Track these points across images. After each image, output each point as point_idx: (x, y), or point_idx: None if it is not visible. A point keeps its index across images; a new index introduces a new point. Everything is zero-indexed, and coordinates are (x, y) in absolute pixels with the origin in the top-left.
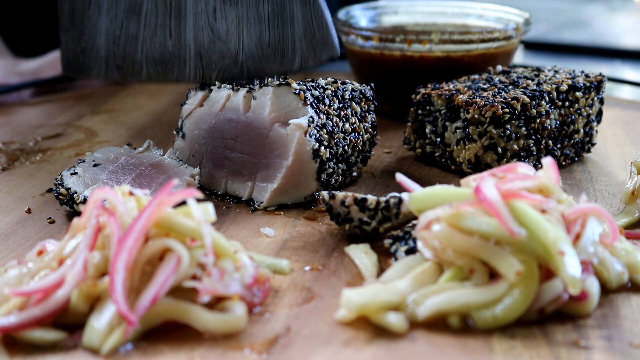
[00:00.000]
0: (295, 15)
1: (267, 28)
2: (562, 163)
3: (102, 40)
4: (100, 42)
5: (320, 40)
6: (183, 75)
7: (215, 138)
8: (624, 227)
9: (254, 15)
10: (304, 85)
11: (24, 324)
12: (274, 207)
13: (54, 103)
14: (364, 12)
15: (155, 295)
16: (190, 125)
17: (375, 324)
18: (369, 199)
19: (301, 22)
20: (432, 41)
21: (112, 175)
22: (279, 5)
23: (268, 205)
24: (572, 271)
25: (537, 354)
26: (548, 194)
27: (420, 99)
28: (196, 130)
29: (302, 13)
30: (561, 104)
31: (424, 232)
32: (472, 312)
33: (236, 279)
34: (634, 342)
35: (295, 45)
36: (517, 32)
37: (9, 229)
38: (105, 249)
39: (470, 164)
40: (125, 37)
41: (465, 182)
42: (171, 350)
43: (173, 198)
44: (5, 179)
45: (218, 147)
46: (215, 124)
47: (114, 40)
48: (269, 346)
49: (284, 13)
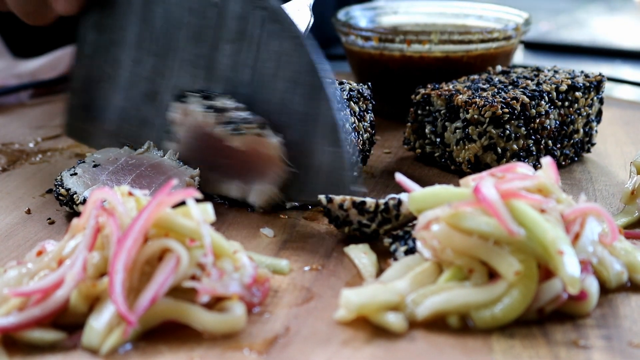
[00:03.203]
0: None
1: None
2: (561, 163)
3: (115, 117)
4: (112, 117)
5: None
6: None
7: (210, 141)
8: (624, 226)
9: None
10: None
11: (23, 324)
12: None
13: (53, 104)
14: (363, 12)
15: (155, 295)
16: (181, 130)
17: (374, 323)
18: (367, 202)
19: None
20: (431, 41)
21: (112, 176)
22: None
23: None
24: (571, 271)
25: (537, 353)
26: (547, 194)
27: (419, 99)
28: (189, 134)
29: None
30: (561, 104)
31: (423, 232)
32: (472, 311)
33: (235, 279)
34: (633, 341)
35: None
36: (517, 32)
37: (9, 229)
38: (105, 249)
39: (470, 164)
40: (139, 121)
41: (464, 182)
42: (170, 351)
43: (172, 198)
44: (5, 179)
45: (211, 150)
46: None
47: (127, 120)
48: (268, 346)
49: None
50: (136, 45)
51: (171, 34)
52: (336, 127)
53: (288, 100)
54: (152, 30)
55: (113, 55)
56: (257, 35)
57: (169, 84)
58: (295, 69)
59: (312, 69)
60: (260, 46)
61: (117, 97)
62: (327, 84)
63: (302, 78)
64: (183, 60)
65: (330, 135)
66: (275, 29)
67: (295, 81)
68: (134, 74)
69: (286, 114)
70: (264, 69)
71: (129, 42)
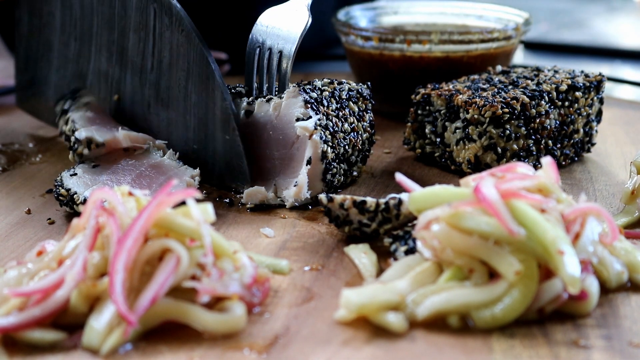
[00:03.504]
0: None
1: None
2: (562, 163)
3: (53, 94)
4: (51, 94)
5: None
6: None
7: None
8: (624, 226)
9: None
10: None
11: (23, 324)
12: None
13: None
14: (363, 12)
15: (155, 295)
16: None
17: (374, 323)
18: (368, 202)
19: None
20: (431, 41)
21: (112, 176)
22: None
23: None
24: (571, 271)
25: (537, 353)
26: (547, 194)
27: (420, 99)
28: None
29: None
30: (561, 104)
31: (423, 232)
32: (472, 311)
33: (235, 279)
34: (634, 341)
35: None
36: (517, 32)
37: (9, 229)
38: (105, 250)
39: (470, 164)
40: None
41: (464, 182)
42: (170, 351)
43: (172, 198)
44: (5, 180)
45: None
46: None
47: (62, 94)
48: (268, 346)
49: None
50: (61, 29)
51: (88, 20)
52: (229, 115)
53: (184, 88)
54: (72, 16)
55: (45, 37)
56: (152, 26)
57: (92, 67)
58: (187, 60)
59: (203, 60)
60: (156, 37)
61: (52, 76)
62: (218, 74)
63: (194, 68)
64: (101, 45)
65: (224, 123)
66: (166, 22)
67: (189, 71)
68: (62, 55)
69: (184, 100)
70: (163, 58)
71: (55, 26)
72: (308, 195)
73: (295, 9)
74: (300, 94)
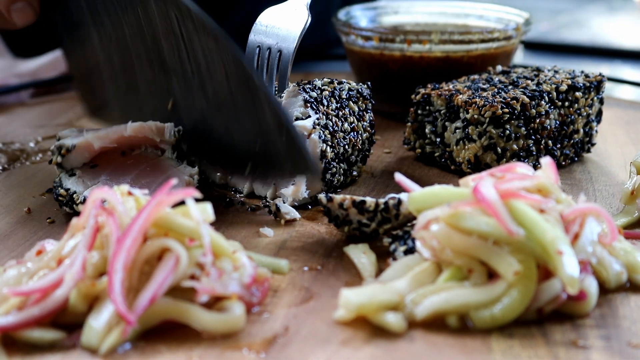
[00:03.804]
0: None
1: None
2: (561, 163)
3: (114, 105)
4: (112, 105)
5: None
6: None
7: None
8: (623, 227)
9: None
10: (302, 87)
11: (22, 323)
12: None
13: (53, 103)
14: (364, 12)
15: (154, 295)
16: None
17: (373, 323)
18: (367, 201)
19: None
20: (432, 41)
21: (111, 176)
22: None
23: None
24: (570, 271)
25: (536, 353)
26: (547, 194)
27: (420, 99)
28: None
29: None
30: (561, 104)
31: (422, 232)
32: (471, 311)
33: (235, 278)
34: (633, 341)
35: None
36: (517, 32)
37: (9, 229)
38: (104, 249)
39: (470, 164)
40: (131, 106)
41: (464, 182)
42: (169, 350)
43: (171, 198)
44: (5, 179)
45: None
46: None
47: (124, 107)
48: (267, 346)
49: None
50: (99, 44)
51: (120, 30)
52: (280, 115)
53: (229, 91)
54: (104, 28)
55: (87, 52)
56: (179, 32)
57: (139, 76)
58: (223, 63)
59: (237, 62)
60: (186, 42)
61: (106, 89)
62: (256, 76)
63: (231, 71)
64: (139, 53)
65: (276, 122)
66: (190, 27)
67: (226, 74)
68: (108, 68)
69: (233, 103)
70: (199, 63)
71: (93, 40)
72: (307, 194)
73: (295, 9)
74: (300, 93)
